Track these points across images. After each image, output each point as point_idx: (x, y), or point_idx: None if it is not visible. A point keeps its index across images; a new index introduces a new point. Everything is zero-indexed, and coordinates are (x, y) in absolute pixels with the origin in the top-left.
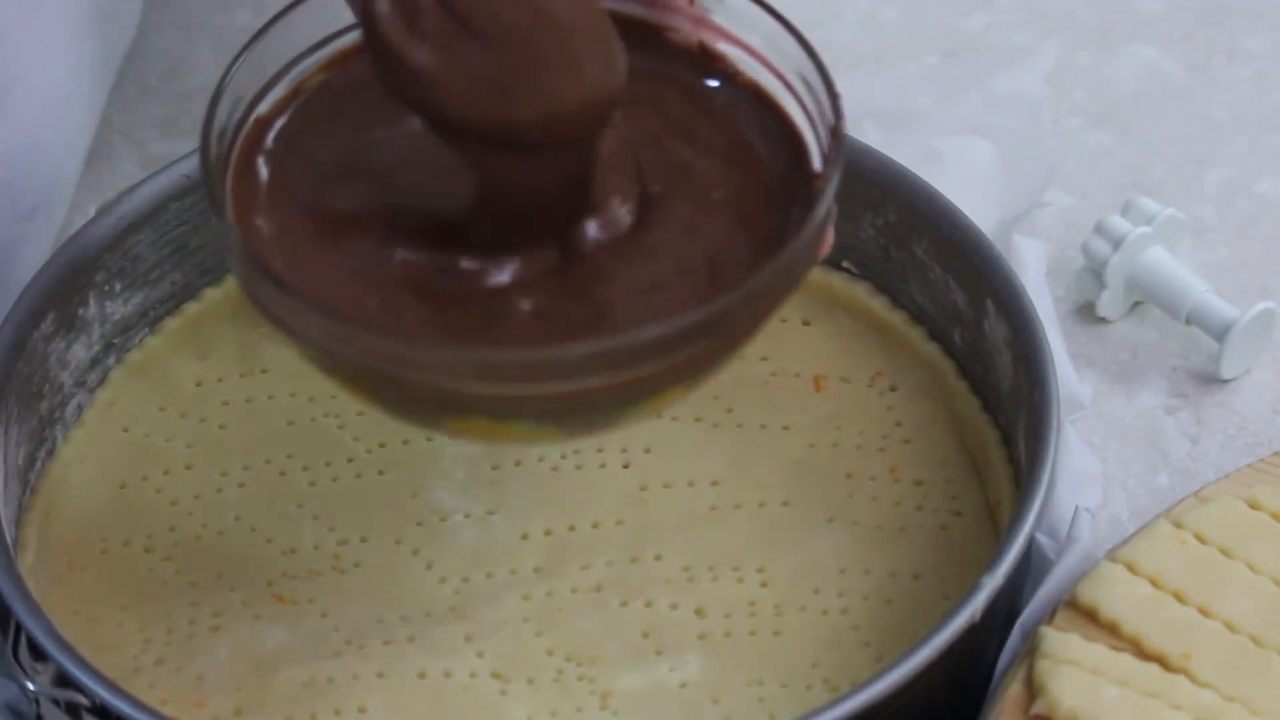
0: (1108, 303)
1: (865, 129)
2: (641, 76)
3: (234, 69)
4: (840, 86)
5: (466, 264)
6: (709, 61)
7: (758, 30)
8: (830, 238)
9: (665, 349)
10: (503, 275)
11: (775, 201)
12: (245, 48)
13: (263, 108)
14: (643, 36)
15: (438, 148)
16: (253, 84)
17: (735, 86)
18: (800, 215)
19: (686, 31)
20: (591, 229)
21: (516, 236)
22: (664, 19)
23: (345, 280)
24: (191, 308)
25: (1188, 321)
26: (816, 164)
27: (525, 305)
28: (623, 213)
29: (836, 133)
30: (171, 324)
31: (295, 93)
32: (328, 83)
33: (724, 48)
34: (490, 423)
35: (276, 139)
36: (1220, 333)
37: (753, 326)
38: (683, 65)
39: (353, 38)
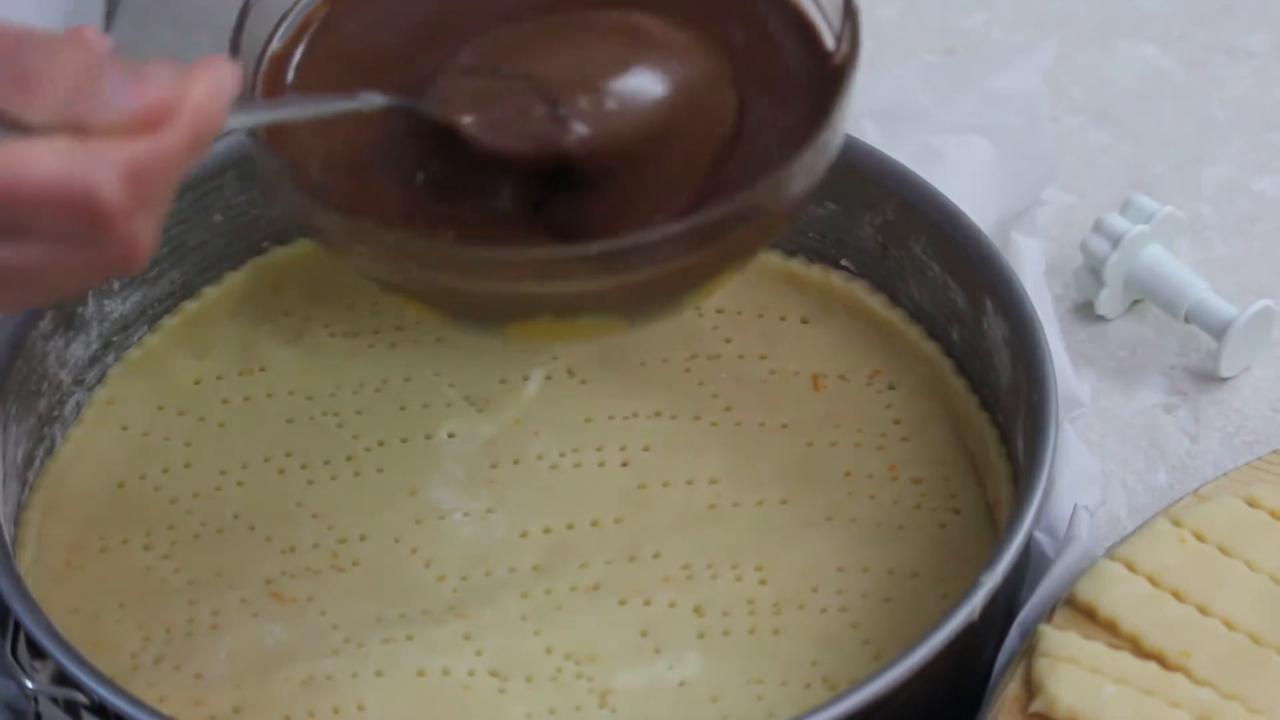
0: (1106, 301)
1: (864, 127)
2: None
3: (249, 11)
4: None
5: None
6: None
7: None
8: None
9: (723, 228)
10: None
11: (797, 93)
12: None
13: (275, 45)
14: None
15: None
16: (263, 25)
17: None
18: (817, 105)
19: None
20: None
21: None
22: None
23: (396, 199)
24: (190, 306)
25: (1186, 319)
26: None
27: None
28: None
29: (849, 10)
30: (170, 322)
31: (304, 26)
32: (331, 13)
33: None
34: (555, 321)
35: (297, 72)
36: (1219, 331)
37: (794, 209)
38: None
39: None
